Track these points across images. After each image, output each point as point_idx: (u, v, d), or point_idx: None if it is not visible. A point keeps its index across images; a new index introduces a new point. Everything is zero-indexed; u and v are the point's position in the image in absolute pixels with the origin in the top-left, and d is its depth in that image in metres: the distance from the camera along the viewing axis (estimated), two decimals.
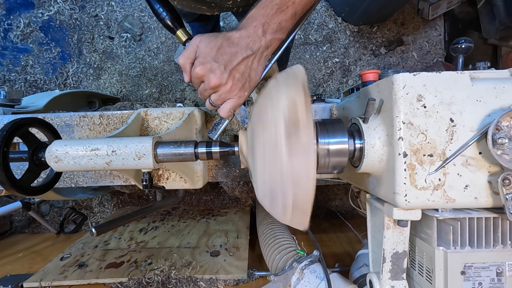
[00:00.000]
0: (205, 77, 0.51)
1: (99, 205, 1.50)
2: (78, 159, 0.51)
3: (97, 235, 0.54)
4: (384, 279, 0.52)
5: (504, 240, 0.47)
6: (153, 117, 0.70)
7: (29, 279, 0.90)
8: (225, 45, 0.50)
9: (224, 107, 0.54)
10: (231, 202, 1.46)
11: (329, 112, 0.76)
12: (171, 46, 1.52)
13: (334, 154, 0.50)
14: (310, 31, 1.52)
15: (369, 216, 0.60)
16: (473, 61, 0.57)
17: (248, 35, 0.50)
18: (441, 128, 0.44)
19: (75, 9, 1.51)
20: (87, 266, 0.95)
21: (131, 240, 1.13)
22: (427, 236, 0.50)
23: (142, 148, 0.51)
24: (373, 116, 0.50)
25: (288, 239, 0.85)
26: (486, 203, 0.45)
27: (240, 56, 0.50)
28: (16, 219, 1.45)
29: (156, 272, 0.88)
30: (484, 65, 0.55)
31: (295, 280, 0.69)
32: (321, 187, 1.46)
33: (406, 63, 1.54)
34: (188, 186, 0.70)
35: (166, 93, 1.54)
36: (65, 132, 0.73)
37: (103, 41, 1.52)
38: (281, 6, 0.49)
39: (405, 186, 0.44)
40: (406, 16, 1.52)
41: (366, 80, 0.70)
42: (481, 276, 0.47)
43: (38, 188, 0.55)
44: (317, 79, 1.53)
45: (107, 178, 0.74)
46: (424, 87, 0.44)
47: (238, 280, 0.86)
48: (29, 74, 1.51)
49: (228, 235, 1.12)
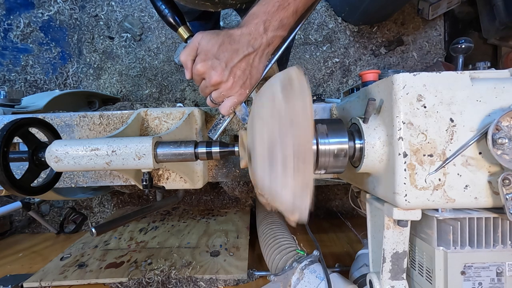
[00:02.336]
0: (206, 74, 0.51)
1: (99, 205, 1.50)
2: (78, 159, 0.51)
3: (97, 235, 0.54)
4: (384, 279, 0.52)
5: (504, 240, 0.47)
6: (153, 117, 0.70)
7: (29, 279, 0.90)
8: (227, 42, 0.50)
9: (224, 104, 0.54)
10: (231, 202, 1.46)
11: (329, 112, 0.76)
12: (171, 46, 1.52)
13: (334, 154, 0.50)
14: (310, 31, 1.52)
15: (369, 216, 0.60)
16: (473, 61, 0.57)
17: (249, 33, 0.50)
18: (441, 128, 0.44)
19: (75, 9, 1.51)
20: (87, 266, 0.95)
21: (131, 240, 1.13)
22: (427, 236, 0.50)
23: (142, 148, 0.51)
24: (373, 116, 0.50)
25: (288, 239, 0.85)
26: (486, 203, 0.45)
27: (241, 54, 0.50)
28: (16, 219, 1.45)
29: (156, 272, 0.88)
30: (484, 65, 0.55)
31: (295, 280, 0.69)
32: (321, 187, 1.46)
33: (406, 63, 1.54)
34: (188, 186, 0.70)
35: (166, 93, 1.54)
36: (65, 132, 0.73)
37: (103, 41, 1.52)
38: (282, 3, 0.49)
39: (405, 186, 0.44)
40: (406, 16, 1.52)
41: (366, 80, 0.70)
42: (481, 276, 0.47)
43: (38, 188, 0.55)
44: (317, 79, 1.53)
45: (107, 178, 0.74)
46: (424, 87, 0.44)
47: (238, 280, 0.86)
48: (29, 74, 1.51)
49: (228, 235, 1.12)
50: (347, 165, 0.53)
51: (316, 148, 0.50)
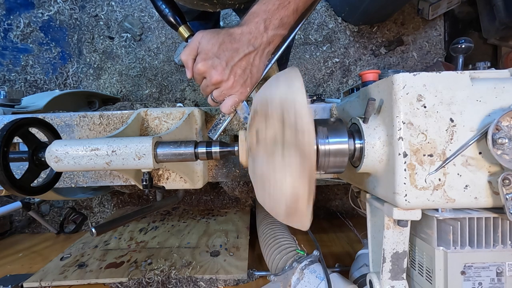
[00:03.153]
0: (206, 73, 0.51)
1: (99, 205, 1.50)
2: (78, 159, 0.51)
3: (97, 235, 0.54)
4: (384, 279, 0.52)
5: (504, 240, 0.47)
6: (153, 117, 0.70)
7: (29, 279, 0.90)
8: (227, 41, 0.50)
9: (225, 103, 0.54)
10: (231, 202, 1.46)
11: (329, 112, 0.76)
12: (171, 46, 1.52)
13: (334, 154, 0.50)
14: (310, 31, 1.52)
15: (369, 216, 0.60)
16: (473, 61, 0.57)
17: (249, 31, 0.50)
18: (441, 128, 0.44)
19: (75, 9, 1.51)
20: (87, 266, 0.95)
21: (131, 240, 1.13)
22: (427, 236, 0.50)
23: (142, 148, 0.51)
24: (373, 116, 0.50)
25: (288, 239, 0.85)
26: (486, 203, 0.45)
27: (241, 52, 0.50)
28: (16, 219, 1.45)
29: (156, 272, 0.88)
30: (484, 65, 0.55)
31: (295, 280, 0.69)
32: (321, 187, 1.46)
33: (406, 63, 1.54)
34: (188, 186, 0.70)
35: (166, 93, 1.54)
36: (65, 132, 0.73)
37: (103, 41, 1.52)
38: (282, 1, 0.49)
39: (405, 186, 0.44)
40: (406, 16, 1.52)
41: (366, 80, 0.70)
42: (481, 276, 0.47)
43: (38, 188, 0.55)
44: (317, 79, 1.53)
45: (107, 178, 0.74)
46: (424, 87, 0.44)
47: (238, 280, 0.86)
48: (29, 74, 1.51)
49: (228, 235, 1.12)
50: (347, 165, 0.53)
51: (316, 148, 0.50)
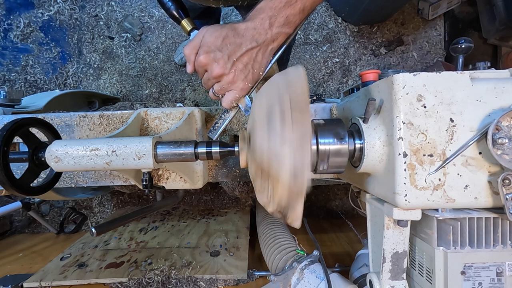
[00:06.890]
0: (208, 66, 0.51)
1: (99, 205, 1.50)
2: (78, 159, 0.51)
3: (97, 235, 0.54)
4: (384, 279, 0.52)
5: (504, 240, 0.47)
6: (153, 117, 0.70)
7: (29, 279, 0.90)
8: (231, 36, 0.50)
9: (226, 98, 0.54)
10: (231, 202, 1.46)
11: (329, 112, 0.76)
12: (171, 46, 1.52)
13: (334, 154, 0.50)
14: (310, 31, 1.52)
15: (369, 216, 0.60)
16: (473, 61, 0.57)
17: (254, 27, 0.50)
18: (441, 128, 0.44)
19: (75, 9, 1.51)
20: (87, 266, 0.95)
21: (131, 240, 1.13)
22: (427, 236, 0.50)
23: (142, 148, 0.51)
24: (373, 116, 0.50)
25: (288, 239, 0.85)
26: (486, 203, 0.45)
27: (244, 47, 0.50)
28: (16, 219, 1.45)
29: (156, 272, 0.88)
30: (484, 65, 0.55)
31: (295, 280, 0.69)
32: (321, 187, 1.46)
33: (406, 63, 1.54)
34: (188, 186, 0.70)
35: (166, 93, 1.54)
36: (65, 132, 0.73)
37: (103, 41, 1.52)
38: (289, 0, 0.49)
39: (405, 186, 0.44)
40: (406, 16, 1.52)
41: (366, 80, 0.70)
42: (481, 276, 0.47)
43: (38, 188, 0.55)
44: (317, 79, 1.53)
45: (107, 178, 0.74)
46: (424, 87, 0.44)
47: (238, 280, 0.86)
48: (29, 74, 1.51)
49: (228, 235, 1.12)
50: (347, 165, 0.53)
51: (316, 148, 0.50)
